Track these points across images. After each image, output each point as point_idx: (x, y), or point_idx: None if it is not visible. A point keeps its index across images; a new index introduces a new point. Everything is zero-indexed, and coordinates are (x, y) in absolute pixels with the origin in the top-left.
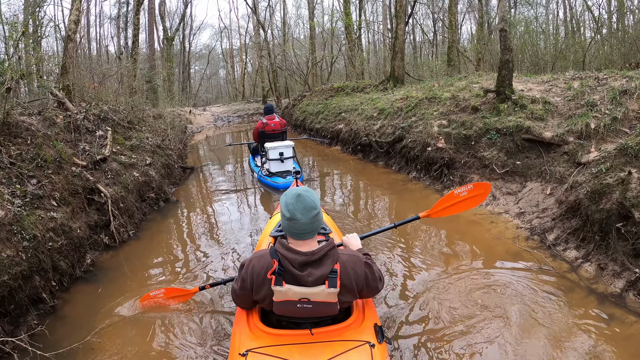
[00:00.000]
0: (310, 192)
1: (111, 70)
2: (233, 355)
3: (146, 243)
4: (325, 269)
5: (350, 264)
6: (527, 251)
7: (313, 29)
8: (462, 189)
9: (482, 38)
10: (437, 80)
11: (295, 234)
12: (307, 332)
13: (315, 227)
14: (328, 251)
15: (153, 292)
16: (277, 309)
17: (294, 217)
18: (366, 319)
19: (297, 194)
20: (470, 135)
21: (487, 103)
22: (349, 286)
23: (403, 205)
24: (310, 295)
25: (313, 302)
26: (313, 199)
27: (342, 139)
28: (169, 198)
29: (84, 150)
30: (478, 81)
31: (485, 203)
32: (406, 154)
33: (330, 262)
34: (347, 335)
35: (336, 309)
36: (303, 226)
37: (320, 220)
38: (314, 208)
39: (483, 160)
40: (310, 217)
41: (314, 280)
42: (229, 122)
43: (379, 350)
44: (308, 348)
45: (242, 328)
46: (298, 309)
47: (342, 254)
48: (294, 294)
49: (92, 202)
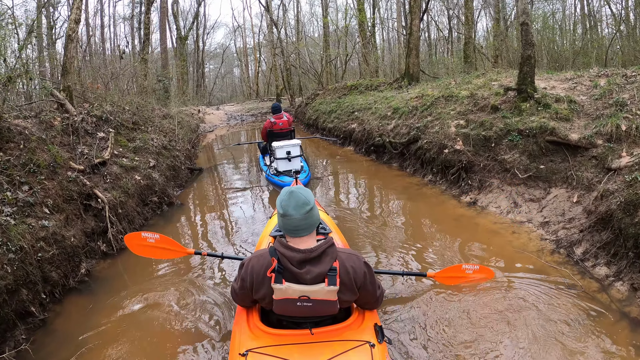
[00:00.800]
0: (303, 190)
1: (119, 69)
2: (233, 355)
3: None
4: (324, 267)
5: (349, 262)
6: (552, 267)
7: (327, 26)
8: (469, 265)
9: (499, 34)
10: (453, 78)
11: (290, 231)
12: (307, 332)
13: (309, 223)
14: (326, 249)
15: (145, 233)
16: (277, 308)
17: (287, 213)
18: (366, 318)
19: (290, 191)
20: (490, 136)
21: (508, 102)
22: (348, 284)
23: (418, 212)
24: (309, 293)
25: (313, 300)
26: (305, 196)
27: (355, 139)
28: (173, 202)
29: (82, 153)
30: (497, 78)
31: (506, 210)
32: (421, 156)
33: (329, 259)
34: (347, 335)
35: (336, 308)
36: (296, 222)
37: (314, 217)
38: (307, 204)
39: (504, 163)
40: (302, 212)
41: (312, 278)
42: (242, 120)
43: (379, 350)
44: (308, 348)
45: (242, 328)
46: (298, 307)
47: (340, 252)
48: (294, 292)
49: (89, 208)
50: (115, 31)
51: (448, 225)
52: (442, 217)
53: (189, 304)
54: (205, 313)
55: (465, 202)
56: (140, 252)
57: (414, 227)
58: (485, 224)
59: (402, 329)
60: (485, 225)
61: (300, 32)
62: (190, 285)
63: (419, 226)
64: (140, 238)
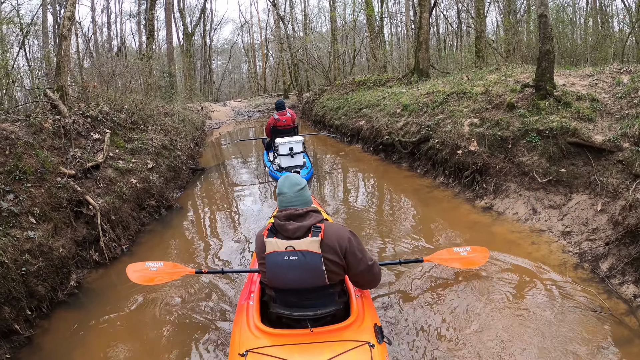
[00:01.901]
0: (297, 175)
1: (122, 67)
2: (233, 355)
3: (141, 258)
4: (308, 222)
5: (332, 227)
6: (576, 284)
7: (334, 20)
8: (460, 248)
9: (510, 28)
10: (465, 73)
11: (284, 206)
12: (307, 332)
13: (302, 200)
14: (311, 211)
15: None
16: (269, 273)
17: (282, 191)
18: (366, 319)
19: (286, 175)
20: (507, 136)
21: (525, 99)
22: (332, 245)
23: (430, 217)
24: (295, 245)
25: (298, 251)
26: (298, 178)
27: (362, 137)
28: (172, 205)
29: (73, 157)
30: (511, 74)
31: (524, 217)
32: (433, 157)
33: (312, 219)
34: (347, 335)
35: (323, 274)
36: (290, 198)
37: (305, 196)
38: (298, 184)
39: (521, 166)
40: (294, 190)
41: (294, 229)
42: (249, 117)
43: (378, 350)
44: (308, 348)
45: (242, 328)
46: (285, 262)
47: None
48: (282, 244)
49: (81, 216)
50: (122, 28)
51: (462, 233)
52: (456, 224)
53: (188, 305)
54: (204, 314)
55: (480, 207)
56: (142, 280)
57: (426, 234)
58: (503, 233)
59: (402, 330)
60: (502, 234)
61: (307, 28)
62: (188, 286)
63: (430, 233)
64: (143, 268)
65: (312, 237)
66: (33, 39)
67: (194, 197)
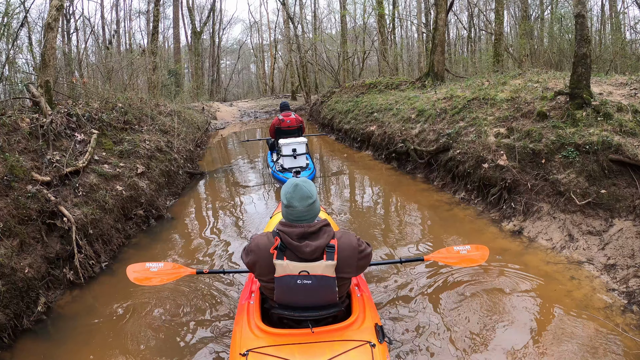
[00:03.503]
0: (307, 183)
1: (116, 63)
2: (234, 355)
3: (123, 277)
4: (322, 242)
5: (344, 242)
6: (625, 334)
7: (344, 19)
8: (461, 247)
9: (526, 32)
10: (486, 78)
11: (292, 220)
12: (307, 332)
13: (311, 215)
14: (323, 226)
15: (149, 263)
16: (278, 292)
17: (291, 204)
18: (367, 318)
19: (295, 184)
20: (540, 150)
21: (558, 108)
22: (347, 262)
23: (451, 239)
24: (309, 269)
25: (312, 276)
26: (309, 189)
27: (373, 143)
28: (163, 215)
29: (50, 161)
30: (538, 80)
31: (559, 245)
32: (453, 169)
33: (326, 236)
34: (348, 335)
35: (335, 293)
36: (299, 213)
37: (316, 209)
38: (310, 197)
39: (557, 185)
40: (305, 205)
41: (311, 251)
42: (255, 117)
43: (379, 350)
44: (309, 348)
45: (243, 328)
46: (298, 286)
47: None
48: (295, 267)
49: (54, 228)
50: (131, 25)
51: (489, 263)
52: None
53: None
54: (205, 314)
55: (508, 231)
56: (141, 281)
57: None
58: (536, 264)
59: (403, 329)
60: (536, 265)
61: (317, 29)
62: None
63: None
64: (143, 269)
65: (327, 260)
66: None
67: (188, 205)
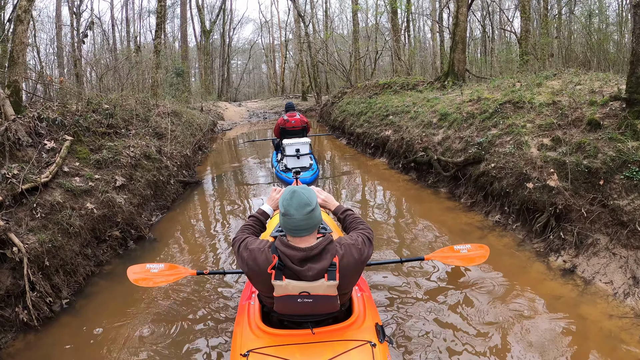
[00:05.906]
0: (306, 190)
1: (118, 62)
2: (234, 355)
3: (89, 318)
4: (324, 263)
5: (347, 254)
6: None
7: (356, 15)
8: (461, 246)
9: (550, 29)
10: (516, 78)
11: (290, 230)
12: (308, 332)
13: (310, 224)
14: (326, 245)
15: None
16: (278, 306)
17: (288, 212)
18: (367, 318)
19: (292, 190)
20: (597, 168)
21: (613, 116)
22: (349, 274)
23: (487, 273)
24: (310, 289)
25: (313, 295)
26: (308, 196)
27: (389, 150)
28: (144, 235)
29: (5, 177)
30: (579, 81)
31: (622, 290)
32: (486, 185)
33: (329, 256)
34: (348, 334)
35: (337, 305)
36: (297, 222)
37: (316, 218)
38: (308, 205)
39: (618, 212)
40: (303, 213)
41: (314, 274)
42: (264, 118)
43: (380, 350)
44: (309, 348)
45: (243, 328)
46: (299, 304)
47: (338, 244)
48: (294, 288)
49: (5, 259)
50: (141, 24)
51: (538, 313)
52: (528, 294)
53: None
54: (205, 314)
55: (557, 268)
56: (141, 283)
57: (480, 309)
58: (596, 317)
59: (404, 329)
60: (596, 319)
61: (328, 28)
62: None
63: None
64: (144, 270)
65: (329, 281)
66: None
67: (176, 222)
